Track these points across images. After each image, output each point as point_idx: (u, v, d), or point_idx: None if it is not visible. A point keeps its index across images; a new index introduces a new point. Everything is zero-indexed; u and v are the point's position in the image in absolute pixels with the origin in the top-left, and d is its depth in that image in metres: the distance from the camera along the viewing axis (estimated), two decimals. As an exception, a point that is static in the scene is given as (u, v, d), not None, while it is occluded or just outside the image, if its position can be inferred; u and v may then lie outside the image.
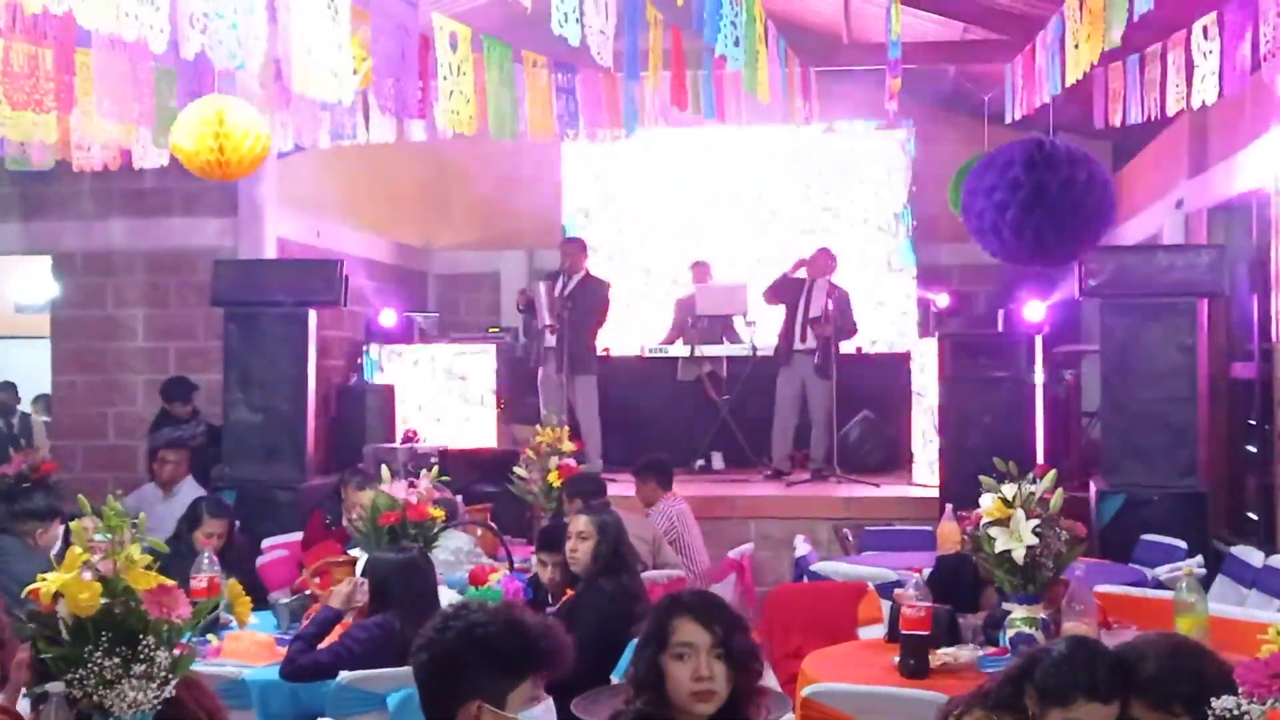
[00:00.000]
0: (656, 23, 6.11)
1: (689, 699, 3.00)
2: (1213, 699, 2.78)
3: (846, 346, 11.00)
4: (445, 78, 5.72)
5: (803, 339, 10.73)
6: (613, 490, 7.55)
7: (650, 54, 6.15)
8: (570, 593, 5.54)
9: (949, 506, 5.78)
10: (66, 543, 3.67)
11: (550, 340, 10.47)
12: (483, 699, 2.75)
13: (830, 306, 10.55)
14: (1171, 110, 6.24)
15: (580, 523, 5.49)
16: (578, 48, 4.95)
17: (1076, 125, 8.71)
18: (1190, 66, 5.80)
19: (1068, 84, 6.22)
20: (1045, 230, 5.22)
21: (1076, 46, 5.81)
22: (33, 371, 11.94)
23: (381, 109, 5.62)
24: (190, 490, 8.06)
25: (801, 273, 10.96)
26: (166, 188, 9.71)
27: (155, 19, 3.66)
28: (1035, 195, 5.14)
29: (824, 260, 10.98)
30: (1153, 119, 6.53)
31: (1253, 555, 6.48)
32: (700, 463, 11.42)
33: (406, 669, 3.13)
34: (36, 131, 5.85)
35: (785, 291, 10.94)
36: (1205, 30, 5.63)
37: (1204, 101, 5.72)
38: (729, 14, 5.54)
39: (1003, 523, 4.49)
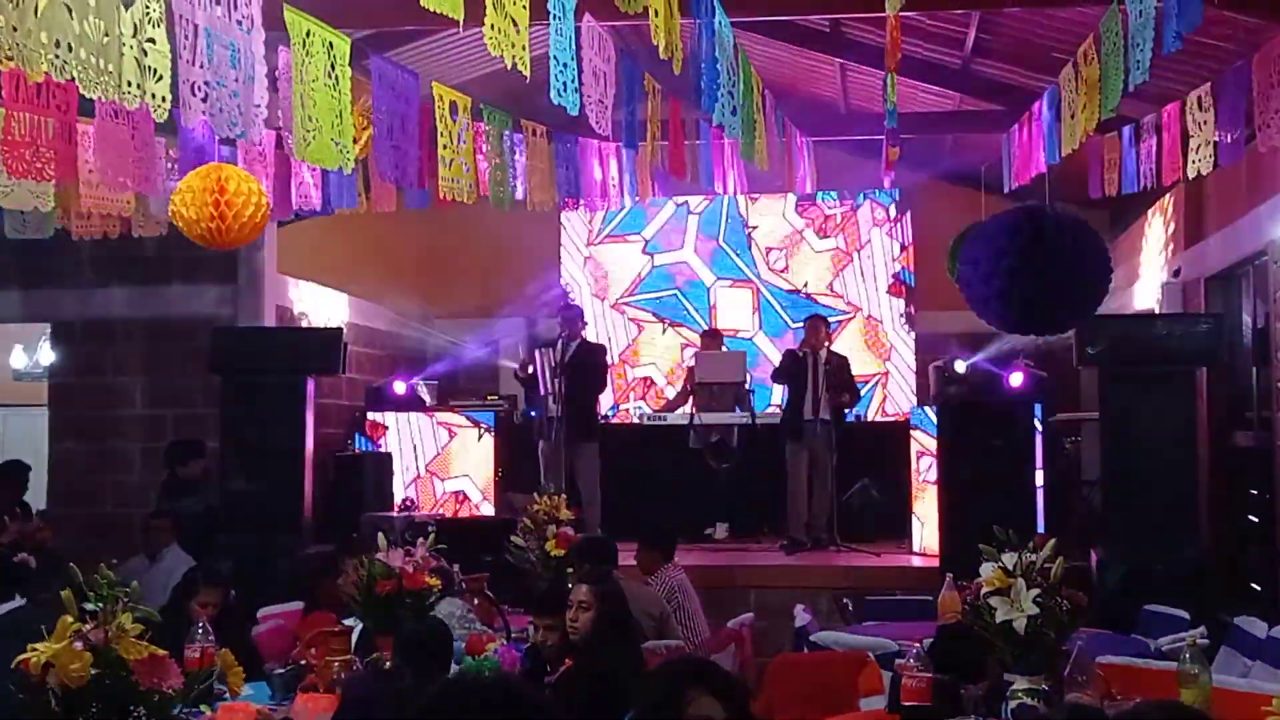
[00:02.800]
0: (655, 92, 6.16)
1: None
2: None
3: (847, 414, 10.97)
4: (445, 146, 5.75)
5: (815, 411, 10.61)
6: (612, 559, 7.48)
7: (649, 123, 6.21)
8: (569, 662, 5.46)
9: (949, 576, 5.74)
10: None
11: (552, 408, 10.44)
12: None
13: (833, 375, 10.54)
14: (1167, 180, 6.28)
15: (581, 591, 5.34)
16: (577, 117, 4.98)
17: (1072, 195, 8.76)
18: (1185, 137, 5.85)
19: (1064, 154, 6.26)
20: (1035, 298, 5.19)
21: (1073, 117, 5.86)
22: (31, 439, 11.90)
23: (381, 177, 5.64)
24: (175, 557, 7.99)
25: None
26: (166, 255, 9.70)
27: (157, 88, 3.68)
28: (1023, 263, 5.11)
29: (818, 330, 10.93)
30: (1149, 189, 6.57)
31: (1257, 626, 6.41)
32: (709, 531, 11.34)
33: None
34: (35, 200, 5.87)
35: (791, 370, 10.89)
36: (1200, 101, 5.68)
37: (1199, 171, 5.76)
38: (726, 83, 5.59)
39: (1003, 592, 4.45)
